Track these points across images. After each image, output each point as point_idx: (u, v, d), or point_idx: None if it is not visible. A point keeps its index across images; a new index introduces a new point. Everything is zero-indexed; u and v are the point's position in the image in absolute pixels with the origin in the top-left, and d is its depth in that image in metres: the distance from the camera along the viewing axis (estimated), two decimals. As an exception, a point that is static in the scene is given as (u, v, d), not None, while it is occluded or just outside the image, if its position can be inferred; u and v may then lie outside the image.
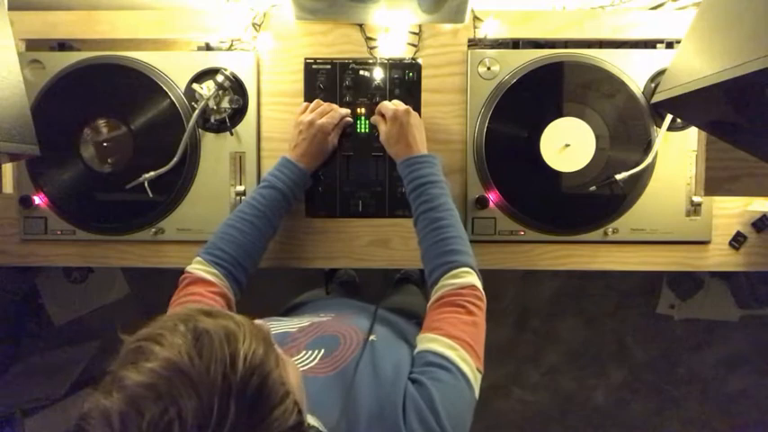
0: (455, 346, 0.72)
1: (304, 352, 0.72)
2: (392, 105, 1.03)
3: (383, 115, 1.04)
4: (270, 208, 0.95)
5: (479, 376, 0.72)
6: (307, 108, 1.06)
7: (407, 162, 0.96)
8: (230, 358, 0.47)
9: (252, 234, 0.92)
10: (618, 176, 1.05)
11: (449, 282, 0.82)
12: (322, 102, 1.07)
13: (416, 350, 0.74)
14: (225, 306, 0.85)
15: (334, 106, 1.07)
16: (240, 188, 1.11)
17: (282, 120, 1.12)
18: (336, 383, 0.65)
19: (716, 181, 1.04)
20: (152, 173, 1.06)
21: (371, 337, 0.74)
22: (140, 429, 0.43)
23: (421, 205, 0.91)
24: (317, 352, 0.71)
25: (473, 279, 0.82)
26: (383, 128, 1.04)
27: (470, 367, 0.71)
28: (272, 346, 0.52)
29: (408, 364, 0.71)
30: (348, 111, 1.09)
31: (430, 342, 0.73)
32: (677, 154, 1.09)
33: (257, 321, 0.55)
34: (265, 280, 1.04)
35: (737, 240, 1.11)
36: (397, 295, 1.42)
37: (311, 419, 0.59)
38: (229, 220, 0.94)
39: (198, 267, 0.88)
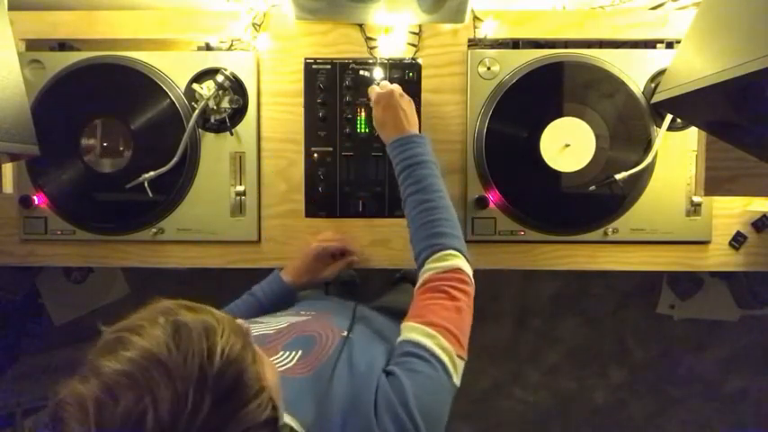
0: (433, 333, 0.70)
1: (282, 353, 0.72)
2: (377, 88, 1.00)
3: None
4: (243, 312, 0.98)
5: (461, 363, 0.71)
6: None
7: (395, 144, 0.94)
8: (208, 351, 0.48)
9: None
10: (618, 176, 1.05)
11: (433, 265, 0.80)
12: (331, 234, 1.09)
13: (398, 339, 0.73)
14: None
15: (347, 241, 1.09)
16: (240, 188, 1.10)
17: (282, 120, 1.12)
18: (313, 383, 0.65)
19: (716, 181, 1.04)
20: (152, 173, 1.06)
21: (349, 335, 0.74)
22: (114, 416, 0.43)
23: (408, 187, 0.89)
24: (294, 353, 0.71)
25: (458, 262, 0.80)
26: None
27: (449, 355, 0.69)
28: (250, 342, 0.53)
29: (383, 360, 0.71)
30: (356, 259, 1.09)
31: (410, 331, 0.73)
32: (677, 154, 1.09)
33: (238, 320, 0.55)
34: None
35: (737, 240, 1.11)
36: (389, 294, 1.42)
37: (288, 418, 0.59)
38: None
39: None
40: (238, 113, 1.10)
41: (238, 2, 1.10)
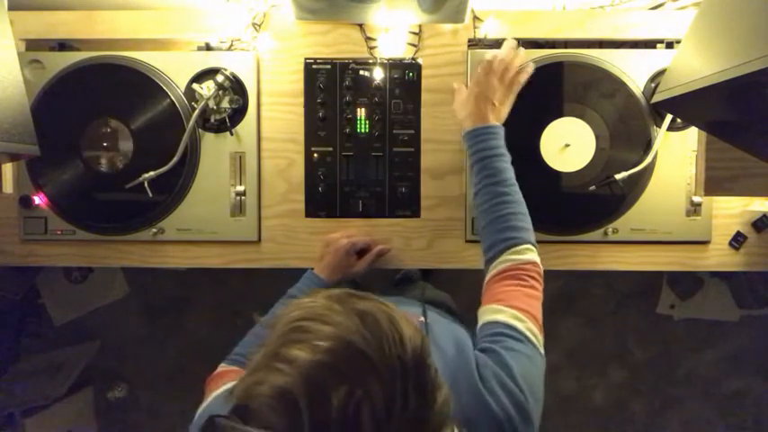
0: (522, 317, 0.72)
1: None
2: (490, 62, 0.95)
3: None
4: None
5: (543, 347, 0.73)
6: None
7: (474, 133, 0.92)
8: (399, 340, 0.45)
9: None
10: (618, 176, 1.05)
11: (511, 257, 0.81)
12: (355, 231, 1.09)
13: (482, 321, 0.74)
14: None
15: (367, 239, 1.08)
16: (240, 188, 1.10)
17: (282, 120, 1.12)
18: None
19: (716, 181, 1.04)
20: (152, 173, 1.06)
21: (427, 321, 0.74)
22: (330, 411, 0.40)
23: (485, 178, 0.89)
24: None
25: (535, 256, 0.82)
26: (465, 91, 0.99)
27: (537, 338, 0.71)
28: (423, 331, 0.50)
29: (468, 339, 0.71)
30: (386, 248, 1.10)
31: (496, 313, 0.73)
32: (677, 154, 1.09)
33: None
34: (266, 280, 1.04)
35: (737, 240, 1.11)
36: (418, 290, 1.42)
37: None
38: (254, 328, 0.94)
39: (223, 366, 0.88)
40: (238, 113, 1.10)
41: (238, 2, 1.10)
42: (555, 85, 1.07)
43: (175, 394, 2.22)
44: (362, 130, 1.11)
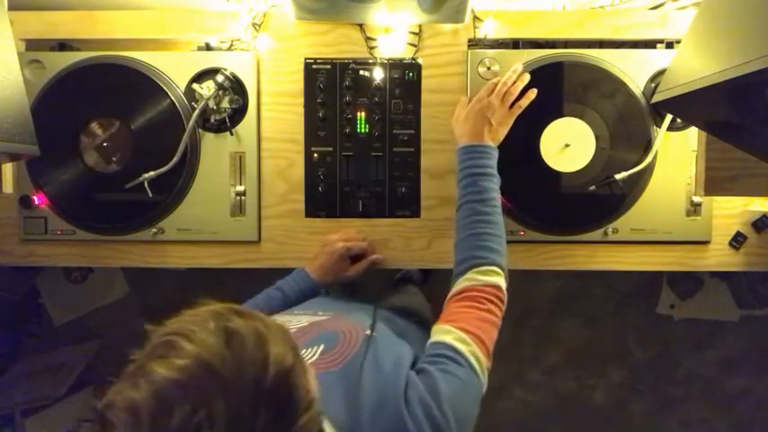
0: (468, 341, 0.72)
1: (304, 350, 0.72)
2: (487, 90, 0.99)
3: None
4: (268, 304, 0.97)
5: (486, 374, 0.73)
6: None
7: (467, 149, 0.94)
8: (261, 362, 0.46)
9: None
10: (618, 176, 1.05)
11: (475, 276, 0.82)
12: (354, 233, 1.09)
13: (431, 340, 0.75)
14: None
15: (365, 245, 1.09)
16: (240, 188, 1.10)
17: (282, 120, 1.12)
18: (342, 378, 0.65)
19: (716, 181, 1.04)
20: (152, 173, 1.06)
21: (373, 334, 0.74)
22: (169, 428, 0.42)
23: (469, 194, 0.90)
24: (316, 348, 0.71)
25: (499, 280, 0.82)
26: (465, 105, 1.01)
27: (480, 363, 0.71)
28: (298, 351, 0.51)
29: (408, 359, 0.71)
30: (380, 258, 1.11)
31: (444, 334, 0.74)
32: (677, 154, 1.09)
33: (278, 322, 0.54)
34: (265, 280, 1.04)
35: (737, 240, 1.11)
36: (396, 295, 1.42)
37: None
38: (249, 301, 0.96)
39: None
40: (238, 113, 1.10)
41: (238, 2, 1.10)
42: (555, 85, 1.07)
43: (175, 394, 2.21)
44: (362, 130, 1.11)
